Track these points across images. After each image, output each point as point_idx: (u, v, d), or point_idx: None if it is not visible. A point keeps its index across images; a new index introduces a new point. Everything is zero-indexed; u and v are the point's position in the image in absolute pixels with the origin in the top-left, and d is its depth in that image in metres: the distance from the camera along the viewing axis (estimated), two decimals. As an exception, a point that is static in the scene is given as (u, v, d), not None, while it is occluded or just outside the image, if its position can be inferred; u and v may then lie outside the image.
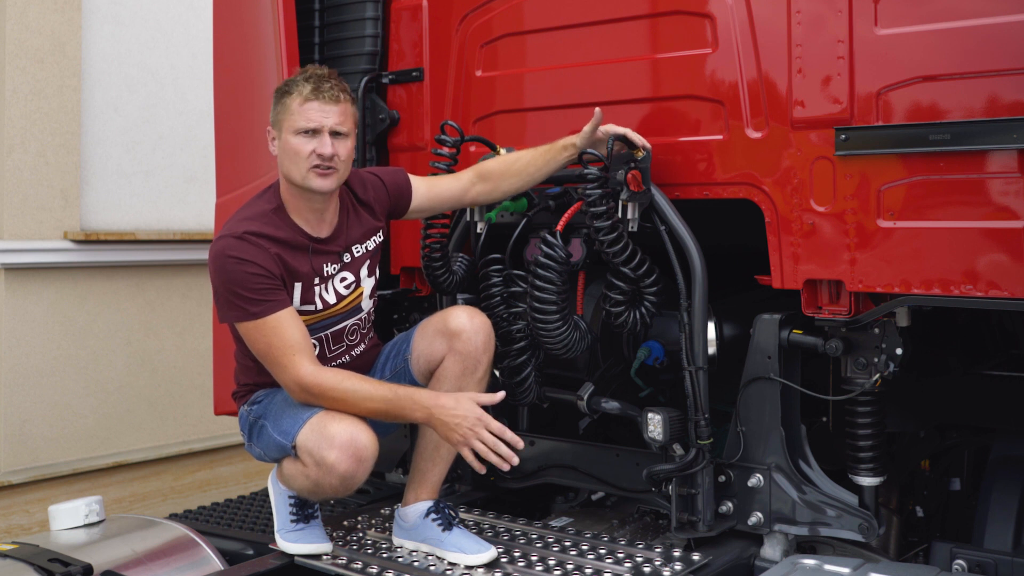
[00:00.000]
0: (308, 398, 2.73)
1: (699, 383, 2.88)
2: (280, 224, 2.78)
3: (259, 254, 2.70)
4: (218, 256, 2.71)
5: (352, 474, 2.68)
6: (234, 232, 2.72)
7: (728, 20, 2.87)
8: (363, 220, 2.96)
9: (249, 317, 2.70)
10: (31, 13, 4.83)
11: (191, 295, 5.49)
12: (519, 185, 3.05)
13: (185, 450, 5.41)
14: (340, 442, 2.65)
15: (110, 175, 5.23)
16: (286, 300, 2.74)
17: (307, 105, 2.74)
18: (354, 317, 2.95)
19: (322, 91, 2.74)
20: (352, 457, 2.66)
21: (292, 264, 2.76)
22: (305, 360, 2.71)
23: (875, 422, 2.83)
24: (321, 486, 2.73)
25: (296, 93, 2.75)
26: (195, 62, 5.55)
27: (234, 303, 2.70)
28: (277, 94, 2.83)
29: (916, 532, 3.34)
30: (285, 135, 2.77)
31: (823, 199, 2.72)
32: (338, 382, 2.72)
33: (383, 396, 2.71)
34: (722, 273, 3.02)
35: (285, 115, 2.77)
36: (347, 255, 2.90)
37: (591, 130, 2.91)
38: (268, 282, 2.70)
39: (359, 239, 2.94)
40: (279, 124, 2.80)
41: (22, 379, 4.84)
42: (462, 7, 3.45)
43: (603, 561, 2.78)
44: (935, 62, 2.55)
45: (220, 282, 2.73)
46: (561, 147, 2.98)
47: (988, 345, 3.36)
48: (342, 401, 2.71)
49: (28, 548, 2.87)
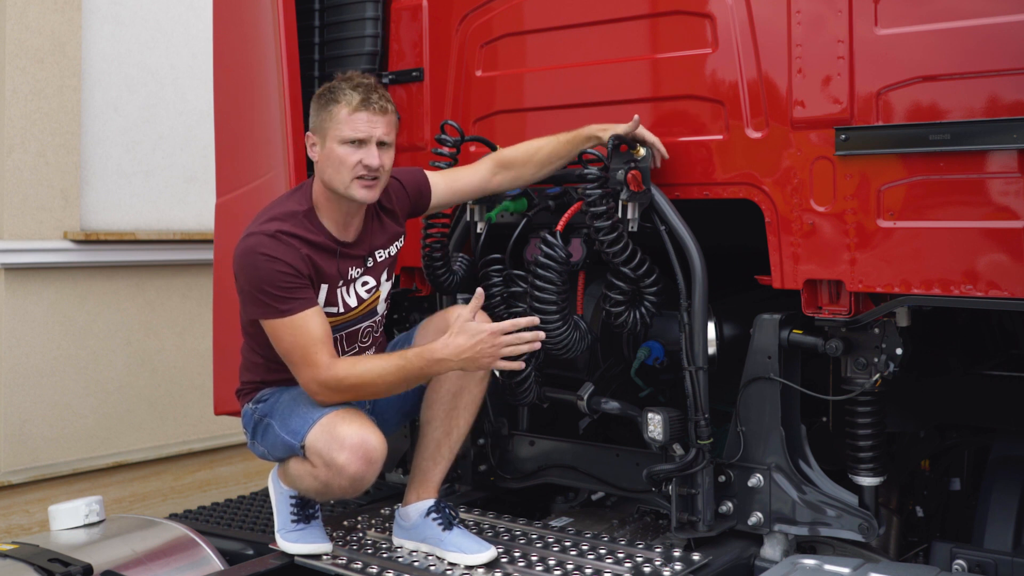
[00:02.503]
0: (330, 394, 2.73)
1: (699, 383, 2.88)
2: (311, 227, 2.77)
3: (289, 253, 2.69)
4: (248, 253, 2.70)
5: (362, 475, 2.68)
6: (266, 231, 2.71)
7: (728, 20, 2.87)
8: (387, 227, 2.96)
9: (277, 315, 2.70)
10: (31, 13, 4.83)
11: (191, 295, 5.49)
12: (541, 174, 3.07)
13: (185, 450, 5.41)
14: (351, 444, 2.65)
15: (110, 175, 5.23)
16: (313, 298, 2.74)
17: (356, 115, 2.72)
18: (369, 320, 2.96)
19: (371, 102, 2.73)
20: (362, 459, 2.66)
21: (321, 266, 2.76)
22: (325, 358, 2.71)
23: (875, 422, 2.83)
24: (330, 487, 2.73)
25: (344, 102, 2.72)
26: (195, 62, 5.55)
27: (261, 300, 2.70)
28: (321, 100, 2.79)
29: (916, 532, 3.33)
30: (330, 143, 2.74)
31: (823, 199, 2.72)
32: (350, 367, 2.73)
33: (396, 365, 2.71)
34: (722, 273, 3.02)
35: (331, 123, 2.74)
36: (370, 259, 2.91)
37: (624, 132, 2.90)
38: (297, 281, 2.70)
39: (382, 245, 2.94)
40: (323, 131, 2.76)
41: (22, 379, 4.84)
42: (462, 7, 3.45)
43: (603, 561, 2.78)
44: (935, 62, 2.55)
45: (247, 279, 2.72)
46: (585, 138, 2.99)
47: (988, 345, 3.36)
48: (360, 386, 2.71)
49: (28, 548, 2.87)
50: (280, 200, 2.87)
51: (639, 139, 2.93)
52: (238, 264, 2.74)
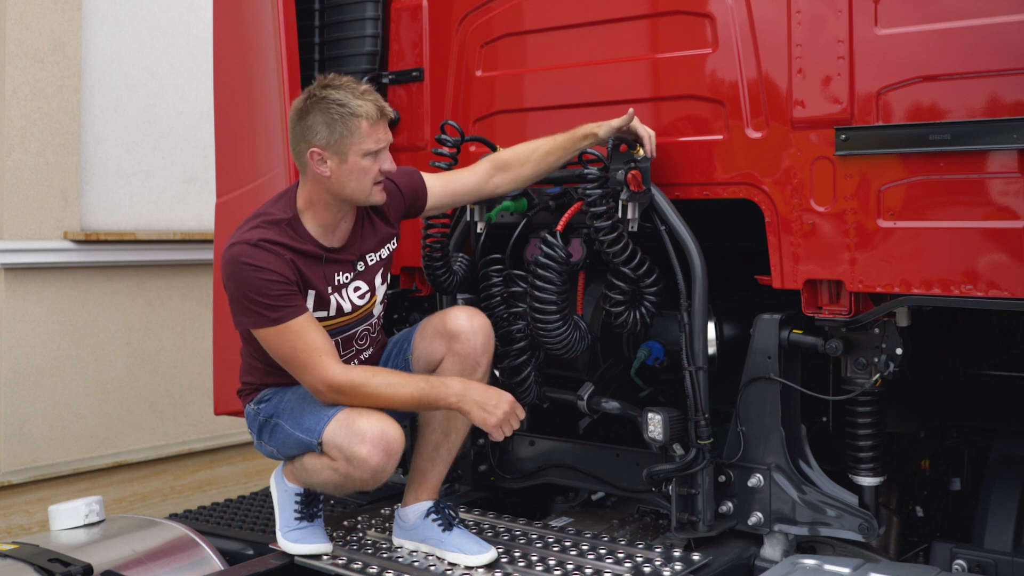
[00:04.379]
0: (339, 398, 2.73)
1: (699, 383, 2.88)
2: (295, 235, 2.76)
3: (275, 260, 2.68)
4: (232, 263, 2.69)
5: (383, 467, 2.70)
6: (248, 239, 2.70)
7: (728, 20, 2.87)
8: (378, 228, 2.95)
9: (269, 323, 2.69)
10: (31, 13, 4.83)
11: (191, 295, 5.49)
12: (539, 173, 3.06)
13: (185, 450, 5.41)
14: (371, 436, 2.67)
15: (110, 175, 5.23)
16: (304, 305, 2.74)
17: (376, 127, 2.71)
18: (365, 323, 2.95)
19: (384, 111, 2.74)
20: (383, 451, 2.68)
21: (306, 273, 2.75)
22: (332, 361, 2.71)
23: (875, 422, 2.83)
24: (351, 479, 2.74)
25: (364, 116, 2.68)
26: (195, 62, 5.55)
27: (252, 310, 2.69)
28: (335, 115, 2.67)
29: (916, 532, 3.33)
30: (353, 158, 2.69)
31: (823, 199, 2.72)
32: (370, 377, 2.73)
33: (416, 385, 2.72)
34: (722, 273, 3.02)
35: (354, 139, 2.68)
36: (360, 264, 2.90)
37: (619, 126, 2.90)
38: (286, 288, 2.69)
39: (373, 248, 2.93)
40: (342, 147, 2.69)
41: (22, 379, 4.84)
42: (462, 7, 3.45)
43: (603, 561, 2.78)
44: (935, 62, 2.55)
45: (235, 289, 2.71)
46: (581, 136, 2.98)
47: (988, 345, 3.36)
48: (375, 396, 2.71)
49: (28, 548, 2.87)
50: (263, 209, 2.83)
51: (632, 132, 2.91)
52: (225, 274, 2.73)
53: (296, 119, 2.74)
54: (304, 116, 2.72)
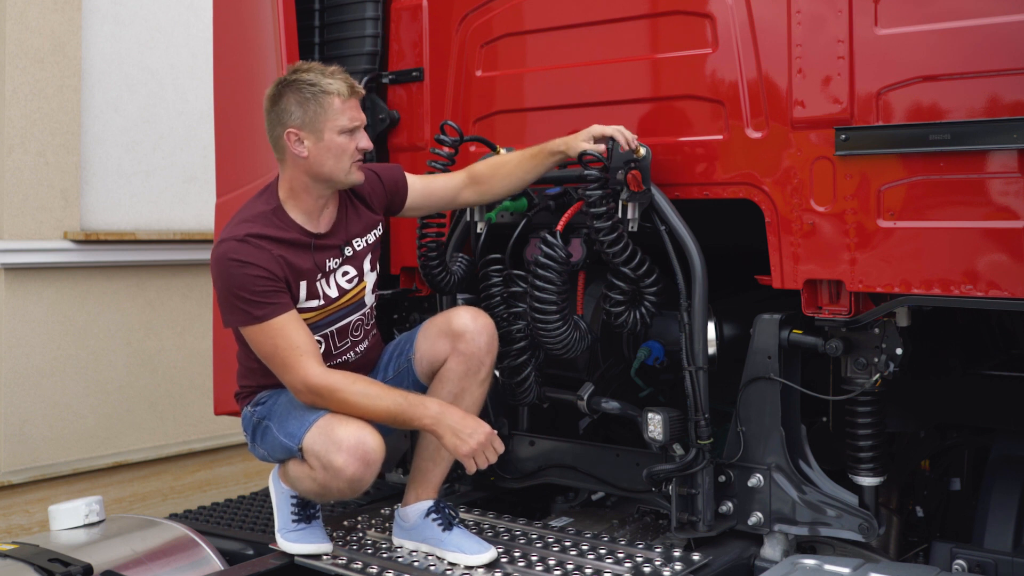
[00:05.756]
0: (316, 399, 2.73)
1: (699, 383, 2.88)
2: (280, 224, 2.78)
3: (261, 256, 2.69)
4: (220, 260, 2.70)
5: (360, 477, 2.68)
6: (235, 235, 2.71)
7: (728, 20, 2.87)
8: (362, 214, 2.95)
9: (253, 321, 2.70)
10: (31, 13, 4.83)
11: (191, 295, 5.49)
12: (508, 188, 3.05)
13: (185, 450, 5.41)
14: (348, 445, 2.65)
15: (110, 175, 5.23)
16: (289, 303, 2.73)
17: (349, 103, 2.75)
18: (358, 313, 2.95)
19: (356, 88, 2.78)
20: (360, 460, 2.66)
21: (295, 263, 2.76)
22: (313, 361, 2.71)
23: (875, 422, 2.83)
24: (328, 488, 2.73)
25: (335, 93, 2.72)
26: (195, 62, 5.55)
27: (237, 307, 2.70)
28: (302, 95, 2.72)
29: (916, 532, 3.33)
30: (329, 135, 2.73)
31: (823, 199, 2.72)
32: (348, 384, 2.72)
33: (394, 400, 2.72)
34: (722, 273, 3.02)
35: (327, 115, 2.72)
36: (348, 249, 2.90)
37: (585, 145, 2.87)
38: (271, 284, 2.69)
39: (359, 233, 2.94)
40: (317, 125, 2.72)
41: (22, 379, 4.84)
42: (462, 7, 3.45)
43: (603, 561, 2.78)
44: (935, 62, 2.55)
45: (223, 286, 2.72)
46: (549, 152, 2.96)
47: (988, 345, 3.36)
48: (351, 404, 2.70)
49: (28, 548, 2.87)
50: (248, 204, 2.85)
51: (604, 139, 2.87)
52: (213, 272, 2.75)
53: (270, 106, 2.79)
54: (277, 101, 2.77)
